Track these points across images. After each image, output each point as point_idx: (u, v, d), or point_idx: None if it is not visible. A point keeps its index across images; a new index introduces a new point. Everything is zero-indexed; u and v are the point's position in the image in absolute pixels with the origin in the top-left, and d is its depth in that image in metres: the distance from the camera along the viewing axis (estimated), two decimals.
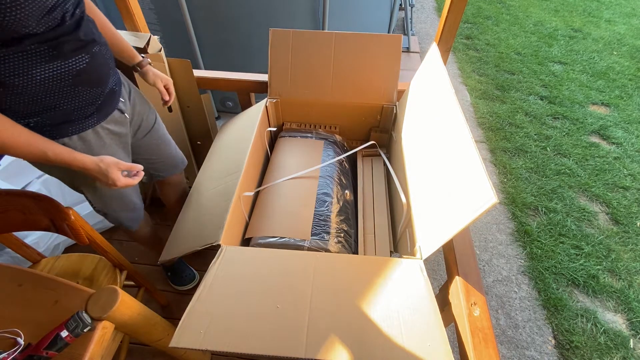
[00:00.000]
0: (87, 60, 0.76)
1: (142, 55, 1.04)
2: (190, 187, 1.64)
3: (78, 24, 0.74)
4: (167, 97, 1.09)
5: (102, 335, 0.74)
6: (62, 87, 0.74)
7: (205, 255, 1.41)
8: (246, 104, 1.53)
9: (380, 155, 1.45)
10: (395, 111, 1.37)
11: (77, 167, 0.78)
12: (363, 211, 1.26)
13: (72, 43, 0.73)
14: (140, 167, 0.89)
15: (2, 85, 0.66)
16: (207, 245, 0.92)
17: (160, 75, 1.07)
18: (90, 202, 1.01)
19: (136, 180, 0.88)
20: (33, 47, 0.66)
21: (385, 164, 1.39)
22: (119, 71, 0.96)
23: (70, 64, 0.73)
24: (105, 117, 0.87)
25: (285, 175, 1.25)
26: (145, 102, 1.08)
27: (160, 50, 1.26)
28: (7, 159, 1.56)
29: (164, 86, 1.08)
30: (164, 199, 1.39)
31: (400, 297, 0.81)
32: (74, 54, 0.73)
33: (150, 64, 1.06)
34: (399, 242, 1.15)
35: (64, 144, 0.79)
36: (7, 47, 0.64)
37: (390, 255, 1.12)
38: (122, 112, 0.93)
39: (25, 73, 0.67)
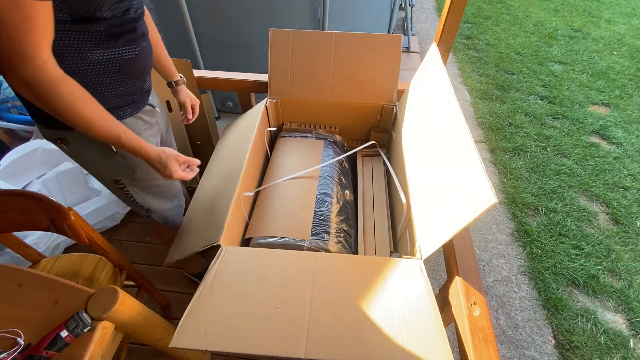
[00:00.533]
0: (135, 52, 0.80)
1: (180, 75, 1.11)
2: (189, 188, 1.65)
3: (137, 19, 0.79)
4: (190, 116, 1.16)
5: (102, 335, 0.74)
6: (108, 73, 0.77)
7: (199, 256, 1.41)
8: (246, 104, 1.53)
9: (380, 155, 1.45)
10: (395, 111, 1.37)
11: (141, 154, 0.80)
12: (363, 211, 1.26)
13: (128, 34, 0.77)
14: (197, 161, 0.91)
15: (61, 59, 0.66)
16: (207, 246, 0.92)
17: (190, 96, 1.14)
18: (132, 196, 1.02)
19: (191, 175, 0.90)
20: (96, 30, 0.70)
21: (385, 164, 1.39)
22: None
23: (120, 52, 0.76)
24: (139, 109, 0.90)
25: (285, 175, 1.25)
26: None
27: None
28: (7, 159, 1.56)
29: (191, 106, 1.15)
30: None
31: (400, 297, 0.81)
32: (126, 44, 0.77)
33: (184, 83, 1.13)
34: (399, 242, 1.15)
35: None
36: (76, 24, 0.66)
37: (390, 255, 1.12)
38: (153, 106, 0.97)
39: (83, 52, 0.70)
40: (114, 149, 0.86)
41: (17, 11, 0.55)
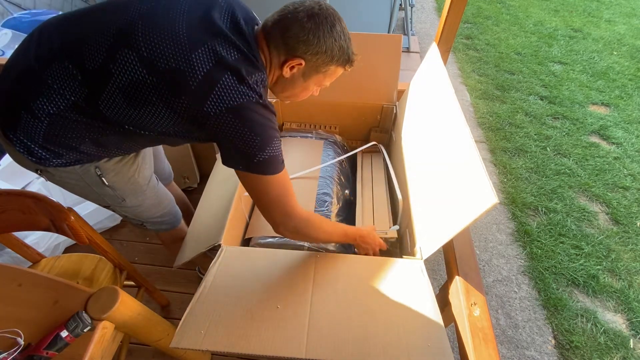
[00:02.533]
0: None
1: None
2: (189, 188, 1.65)
3: None
4: None
5: (102, 335, 0.74)
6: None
7: (209, 256, 1.41)
8: None
9: (380, 152, 1.45)
10: (395, 111, 1.37)
11: (359, 234, 0.97)
12: (362, 209, 1.26)
13: None
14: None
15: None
16: (210, 247, 0.93)
17: None
18: (126, 217, 1.04)
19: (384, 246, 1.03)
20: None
21: (385, 162, 1.39)
22: None
23: None
24: None
25: None
26: None
27: None
28: (7, 159, 1.55)
29: None
30: None
31: (400, 297, 0.81)
32: None
33: None
34: (399, 242, 1.15)
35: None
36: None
37: (390, 228, 1.13)
38: None
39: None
40: (105, 182, 0.86)
41: (285, 189, 0.78)
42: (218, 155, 1.37)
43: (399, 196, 1.09)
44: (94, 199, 0.93)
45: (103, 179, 0.85)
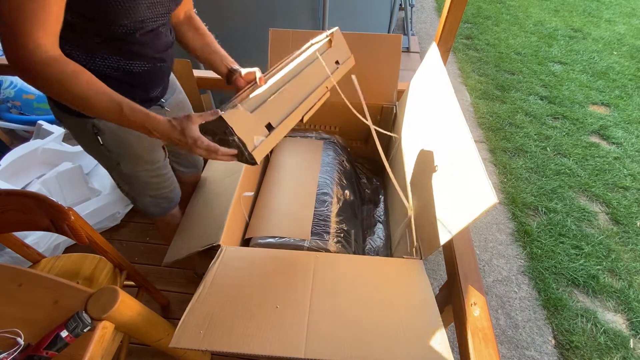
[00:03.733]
0: (145, 67, 0.81)
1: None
2: None
3: (154, 35, 0.79)
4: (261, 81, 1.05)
5: (102, 335, 0.74)
6: (110, 78, 0.76)
7: (206, 256, 1.41)
8: None
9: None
10: (395, 111, 1.37)
11: (150, 125, 0.70)
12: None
13: (138, 48, 0.77)
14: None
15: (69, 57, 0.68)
16: (207, 246, 0.92)
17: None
18: (118, 184, 1.02)
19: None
20: (104, 39, 0.71)
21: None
22: (172, 76, 1.01)
23: (128, 65, 0.78)
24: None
25: (285, 175, 1.25)
26: (188, 106, 1.12)
27: None
28: (7, 159, 1.56)
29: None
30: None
31: (400, 297, 0.81)
32: (134, 59, 0.78)
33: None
34: (398, 242, 1.15)
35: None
36: (87, 27, 0.68)
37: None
38: (162, 107, 0.96)
39: (90, 53, 0.73)
40: (99, 140, 0.85)
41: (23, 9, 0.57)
42: None
43: (404, 200, 1.09)
44: (98, 160, 0.94)
45: (98, 137, 0.84)
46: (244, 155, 0.76)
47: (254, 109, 0.77)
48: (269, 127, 0.80)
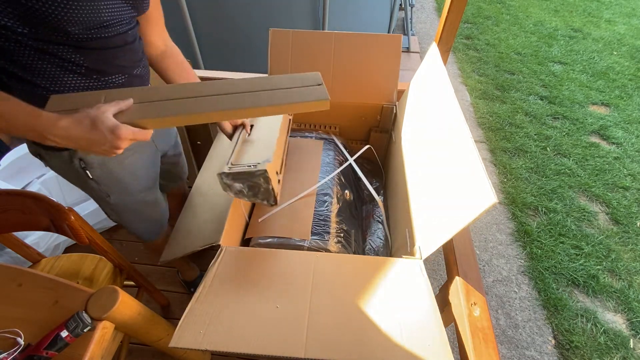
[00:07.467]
0: (122, 80, 0.77)
1: None
2: (190, 188, 1.63)
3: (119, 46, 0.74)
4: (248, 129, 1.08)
5: (102, 335, 0.74)
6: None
7: (206, 255, 1.41)
8: None
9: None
10: (395, 111, 1.37)
11: (42, 126, 0.57)
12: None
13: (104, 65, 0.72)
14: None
15: (36, 87, 0.66)
16: (207, 246, 0.92)
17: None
18: (108, 215, 1.01)
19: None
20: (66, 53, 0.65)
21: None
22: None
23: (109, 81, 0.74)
24: None
25: (285, 175, 1.25)
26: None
27: None
28: (7, 159, 1.56)
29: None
30: None
31: (400, 297, 0.81)
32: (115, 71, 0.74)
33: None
34: (398, 242, 1.15)
35: None
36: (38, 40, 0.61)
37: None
38: None
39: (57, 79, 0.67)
40: (89, 174, 0.83)
41: None
42: (213, 146, 1.36)
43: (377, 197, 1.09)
44: (84, 191, 0.92)
45: (87, 172, 0.82)
46: (258, 196, 0.96)
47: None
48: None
